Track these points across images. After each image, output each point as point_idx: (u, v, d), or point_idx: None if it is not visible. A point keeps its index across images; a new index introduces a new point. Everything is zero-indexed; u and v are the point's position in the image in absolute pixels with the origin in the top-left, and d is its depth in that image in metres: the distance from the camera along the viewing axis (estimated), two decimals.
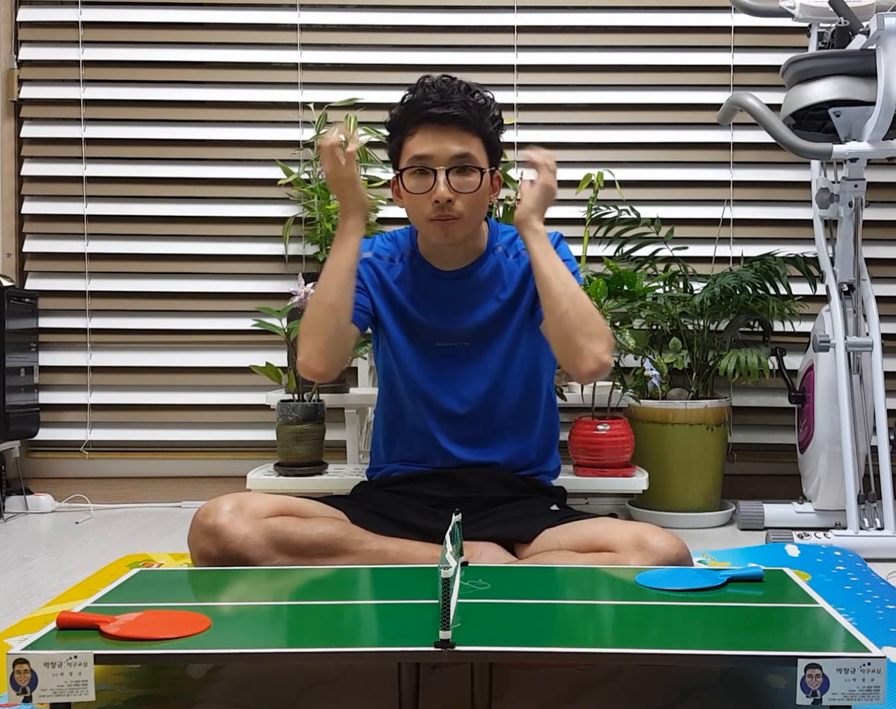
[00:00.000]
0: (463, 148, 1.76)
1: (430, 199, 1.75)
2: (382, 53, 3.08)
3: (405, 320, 1.91)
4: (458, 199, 1.76)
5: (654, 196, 3.06)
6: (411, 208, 1.82)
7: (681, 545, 1.62)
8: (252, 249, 3.09)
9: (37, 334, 3.06)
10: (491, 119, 1.81)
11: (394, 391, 1.95)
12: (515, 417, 1.93)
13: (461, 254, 1.88)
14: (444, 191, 1.74)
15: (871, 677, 1.15)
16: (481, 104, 1.79)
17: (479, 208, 1.81)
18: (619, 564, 1.61)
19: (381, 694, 1.38)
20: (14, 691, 1.18)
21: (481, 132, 1.79)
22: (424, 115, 1.75)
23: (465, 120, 1.75)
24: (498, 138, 1.85)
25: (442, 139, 1.75)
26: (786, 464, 2.95)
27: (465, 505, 1.80)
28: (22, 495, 2.93)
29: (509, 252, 1.92)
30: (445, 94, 1.75)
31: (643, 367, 2.67)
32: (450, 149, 1.75)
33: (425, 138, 1.76)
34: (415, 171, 1.77)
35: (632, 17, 3.07)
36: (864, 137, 2.45)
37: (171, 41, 3.10)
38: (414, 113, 1.77)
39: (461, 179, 1.76)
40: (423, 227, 1.82)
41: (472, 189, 1.77)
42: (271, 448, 2.72)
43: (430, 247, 1.89)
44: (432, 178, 1.75)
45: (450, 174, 1.75)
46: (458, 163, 1.75)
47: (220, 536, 1.65)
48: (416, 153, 1.76)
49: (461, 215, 1.77)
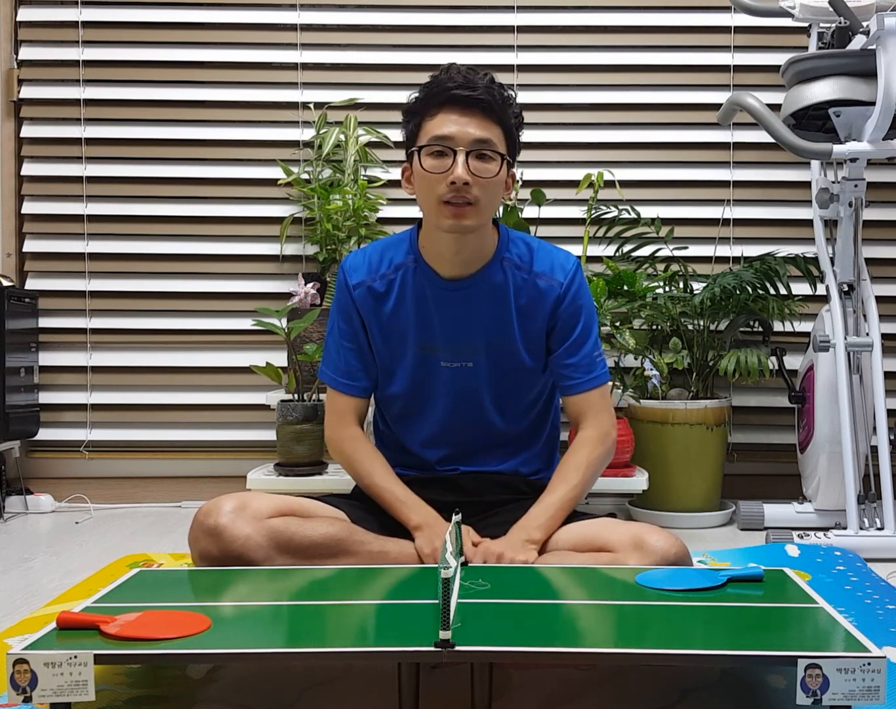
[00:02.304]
0: (484, 133, 1.72)
1: (447, 180, 1.70)
2: (382, 53, 3.08)
3: (404, 339, 1.85)
4: (476, 184, 1.71)
5: (654, 196, 3.05)
6: (424, 189, 1.76)
7: (679, 545, 1.62)
8: (252, 249, 3.09)
9: (37, 334, 3.06)
10: (513, 113, 1.78)
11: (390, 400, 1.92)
12: (520, 433, 1.91)
13: (468, 254, 1.80)
14: (462, 172, 1.69)
15: (871, 677, 1.15)
16: (505, 96, 1.77)
17: (493, 198, 1.77)
18: (618, 563, 1.60)
19: (381, 694, 1.38)
20: (14, 691, 1.18)
21: (503, 122, 1.75)
22: (448, 96, 1.71)
23: (489, 105, 1.73)
24: (517, 135, 1.81)
25: (464, 122, 1.71)
26: (786, 464, 2.95)
27: (465, 508, 1.79)
28: (22, 495, 2.93)
29: (521, 266, 1.84)
30: (470, 80, 1.73)
31: (643, 367, 2.67)
32: (472, 132, 1.71)
33: (447, 119, 1.71)
34: (434, 150, 1.72)
35: (632, 17, 3.07)
36: (864, 137, 2.45)
37: (171, 41, 3.10)
38: (437, 94, 1.73)
39: (480, 164, 1.72)
40: (435, 210, 1.74)
41: (491, 175, 1.73)
42: (271, 448, 2.72)
43: (435, 245, 1.81)
44: (451, 159, 1.70)
45: (469, 157, 1.71)
46: (478, 147, 1.71)
47: (221, 536, 1.64)
48: (437, 133, 1.71)
49: (476, 201, 1.72)
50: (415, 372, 1.86)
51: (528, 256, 1.86)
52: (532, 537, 1.72)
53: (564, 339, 1.85)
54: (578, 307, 1.85)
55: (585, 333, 1.86)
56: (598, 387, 1.87)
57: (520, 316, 1.84)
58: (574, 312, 1.85)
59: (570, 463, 1.83)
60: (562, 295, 1.83)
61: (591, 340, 1.87)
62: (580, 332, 1.85)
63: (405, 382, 1.87)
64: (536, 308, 1.84)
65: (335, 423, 1.93)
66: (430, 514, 1.79)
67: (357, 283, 1.86)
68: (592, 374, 1.86)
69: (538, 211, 2.87)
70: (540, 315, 1.84)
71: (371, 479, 1.85)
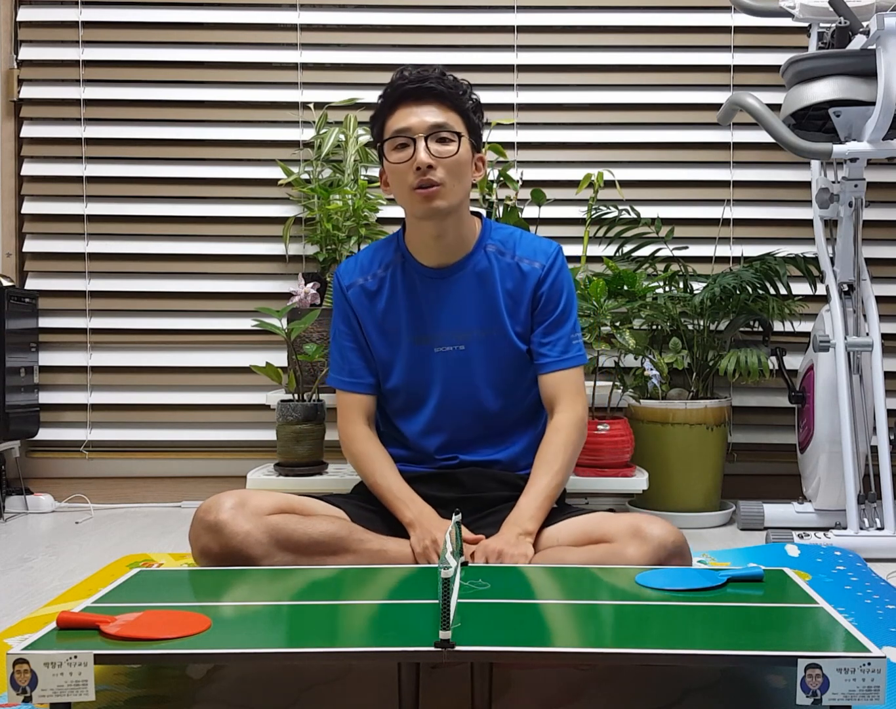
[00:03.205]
0: (440, 118, 1.81)
1: (412, 167, 1.78)
2: (382, 53, 3.08)
3: (399, 333, 1.91)
4: (439, 165, 1.79)
5: (654, 196, 3.05)
6: (396, 184, 1.85)
7: (677, 533, 1.64)
8: (252, 249, 3.09)
9: (37, 334, 3.06)
10: (468, 98, 1.86)
11: (390, 396, 1.95)
12: (516, 419, 1.93)
13: (450, 239, 1.86)
14: (424, 157, 1.77)
15: (871, 677, 1.15)
16: (457, 84, 1.85)
17: (461, 177, 1.83)
18: (615, 553, 1.62)
19: (381, 694, 1.38)
20: (14, 691, 1.18)
21: (458, 107, 1.84)
22: (401, 92, 1.81)
23: (441, 93, 1.82)
24: (476, 120, 1.88)
25: (420, 112, 1.81)
26: (786, 464, 2.95)
27: (464, 505, 1.81)
28: (22, 495, 2.94)
29: (504, 251, 1.91)
30: (421, 75, 1.82)
31: (643, 367, 2.67)
32: (427, 120, 1.80)
33: (404, 113, 1.81)
34: (396, 144, 1.81)
35: (632, 17, 3.07)
36: (864, 137, 2.45)
37: (171, 41, 3.10)
38: (392, 93, 1.83)
39: (440, 146, 1.80)
40: (408, 200, 1.83)
41: (452, 154, 1.80)
42: (271, 448, 2.72)
43: (418, 236, 1.89)
44: (412, 148, 1.79)
45: (428, 141, 1.79)
46: (435, 131, 1.80)
47: (221, 532, 1.65)
48: (396, 128, 1.81)
49: (442, 182, 1.79)
50: (410, 363, 1.91)
51: (511, 243, 1.93)
52: (526, 528, 1.74)
53: (544, 318, 1.90)
54: (559, 289, 1.91)
55: (565, 314, 1.91)
56: (573, 368, 1.91)
57: (507, 300, 1.89)
58: (554, 294, 1.90)
59: (549, 450, 1.85)
60: (543, 277, 1.89)
61: (570, 322, 1.92)
62: (559, 313, 1.91)
63: (402, 375, 1.91)
64: (521, 291, 1.90)
65: (344, 423, 1.96)
66: (424, 509, 1.81)
67: (350, 283, 1.94)
68: (568, 354, 1.90)
69: (538, 211, 2.87)
70: (525, 298, 1.90)
71: (374, 476, 1.88)
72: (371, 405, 1.96)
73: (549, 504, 1.80)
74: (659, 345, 2.88)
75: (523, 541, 1.71)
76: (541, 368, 1.91)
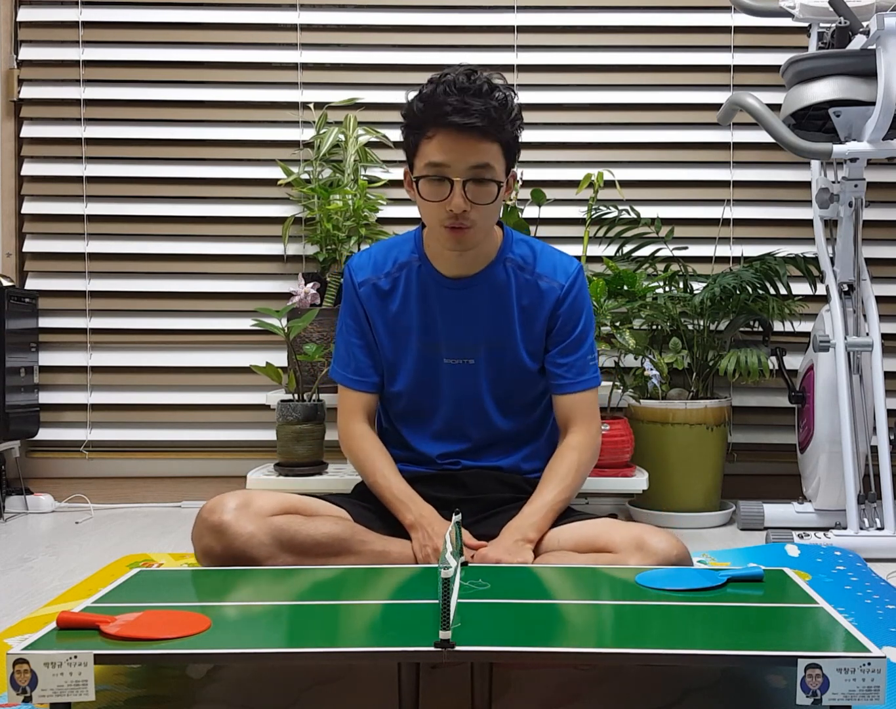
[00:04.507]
0: (480, 158, 1.69)
1: (445, 207, 1.71)
2: (382, 53, 3.08)
3: (408, 336, 1.88)
4: (474, 209, 1.71)
5: (654, 196, 3.05)
6: (424, 211, 1.78)
7: (680, 546, 1.63)
8: (252, 249, 3.09)
9: (37, 334, 3.06)
10: (511, 121, 1.74)
11: (394, 398, 1.93)
12: (522, 431, 1.92)
13: (471, 256, 1.82)
14: (459, 201, 1.69)
15: (871, 677, 1.15)
16: (502, 108, 1.72)
17: (493, 216, 1.78)
18: (618, 564, 1.61)
19: (381, 694, 1.38)
20: (14, 691, 1.18)
21: (500, 139, 1.72)
22: (443, 122, 1.68)
23: (485, 129, 1.68)
24: (517, 139, 1.78)
25: (460, 147, 1.68)
26: (786, 464, 2.95)
27: (466, 506, 1.80)
28: (22, 495, 2.93)
29: (525, 266, 1.86)
30: (466, 99, 1.67)
31: (643, 367, 2.67)
32: (468, 159, 1.68)
33: (442, 146, 1.69)
34: (431, 179, 1.72)
35: (632, 17, 3.07)
36: (864, 137, 2.45)
37: (171, 41, 3.10)
38: (433, 117, 1.69)
39: (478, 188, 1.71)
40: (436, 231, 1.77)
41: (489, 200, 1.72)
42: (271, 448, 2.72)
43: (437, 246, 1.84)
44: (448, 187, 1.69)
45: (467, 185, 1.70)
46: (475, 175, 1.70)
47: (224, 533, 1.65)
48: (433, 160, 1.70)
49: (474, 224, 1.72)
50: (418, 369, 1.88)
51: (532, 258, 1.87)
52: (527, 536, 1.73)
53: (561, 339, 1.87)
54: (578, 310, 1.87)
55: (582, 336, 1.88)
56: (588, 390, 1.88)
57: (522, 316, 1.85)
58: (573, 314, 1.86)
59: (563, 465, 1.84)
60: (562, 297, 1.85)
61: (587, 344, 1.89)
62: (577, 334, 1.87)
63: (409, 380, 1.89)
64: (537, 309, 1.86)
65: (345, 420, 1.94)
66: (425, 510, 1.80)
67: (362, 280, 1.89)
68: (584, 376, 1.88)
69: (538, 211, 2.87)
70: (541, 316, 1.86)
71: (374, 476, 1.87)
72: (374, 404, 1.95)
73: (553, 517, 1.78)
74: (659, 345, 2.88)
75: (523, 547, 1.70)
76: (556, 389, 1.88)
